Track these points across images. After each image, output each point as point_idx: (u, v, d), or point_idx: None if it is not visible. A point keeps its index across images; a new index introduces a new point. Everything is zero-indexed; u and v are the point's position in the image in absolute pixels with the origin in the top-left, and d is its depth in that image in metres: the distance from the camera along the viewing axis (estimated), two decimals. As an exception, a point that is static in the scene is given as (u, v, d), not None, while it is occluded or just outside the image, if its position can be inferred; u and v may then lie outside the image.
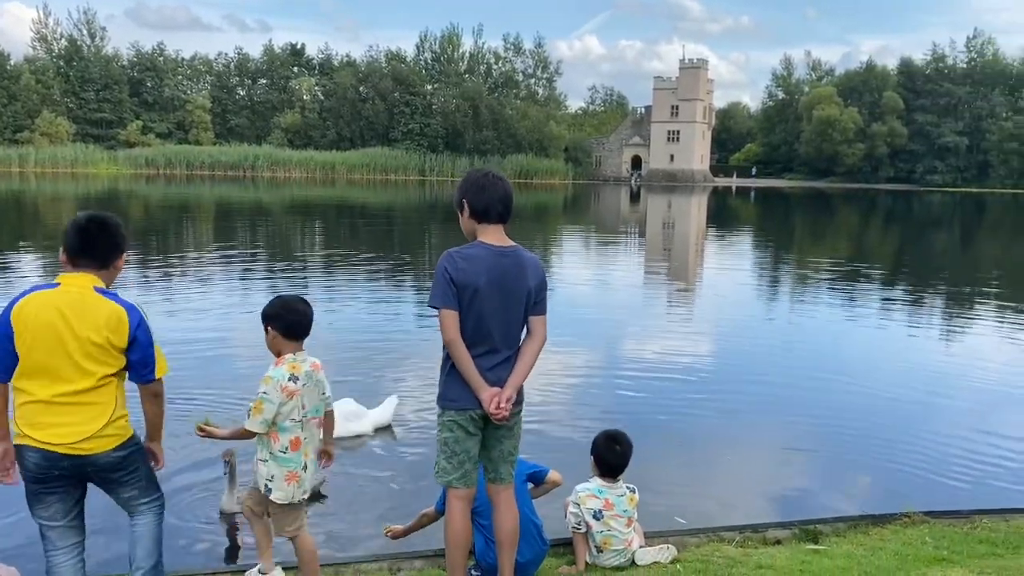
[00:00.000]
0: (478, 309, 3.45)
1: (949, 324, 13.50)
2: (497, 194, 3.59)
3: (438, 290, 3.45)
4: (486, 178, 3.63)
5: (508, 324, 3.55)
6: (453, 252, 3.50)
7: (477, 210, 3.58)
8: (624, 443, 4.35)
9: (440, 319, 3.45)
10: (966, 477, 6.34)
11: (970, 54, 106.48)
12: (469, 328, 3.46)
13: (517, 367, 3.56)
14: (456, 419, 3.54)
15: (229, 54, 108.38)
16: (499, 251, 3.54)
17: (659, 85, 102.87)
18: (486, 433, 3.63)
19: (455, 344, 3.44)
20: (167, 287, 14.40)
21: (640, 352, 10.46)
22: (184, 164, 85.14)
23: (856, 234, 35.38)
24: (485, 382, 3.47)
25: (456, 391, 3.51)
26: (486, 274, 3.46)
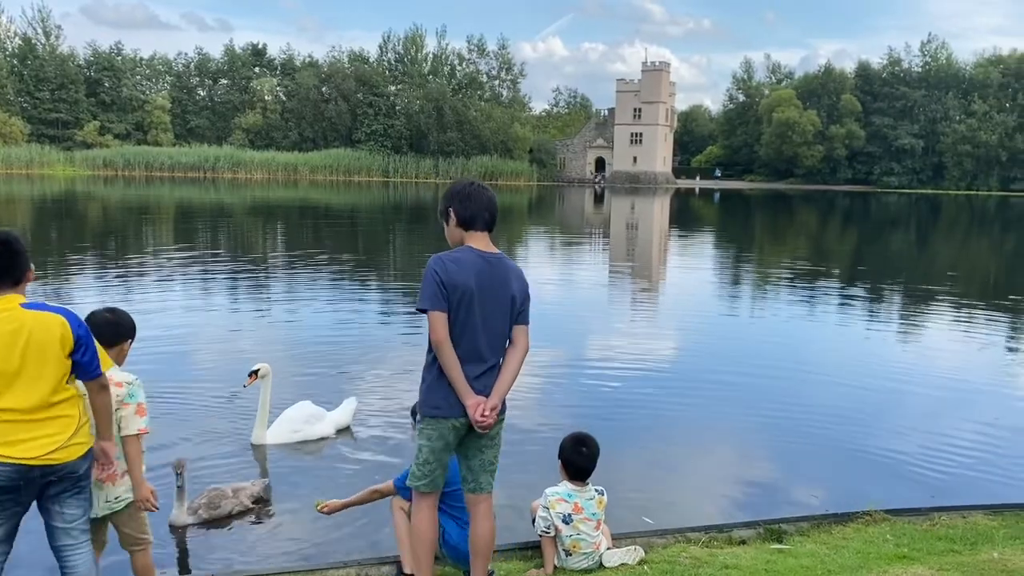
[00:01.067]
0: (466, 313, 3.46)
1: (906, 323, 13.76)
2: (483, 203, 3.63)
3: (427, 292, 3.44)
4: (471, 187, 3.67)
5: (494, 332, 3.56)
6: (442, 255, 3.52)
7: (464, 219, 3.61)
8: (591, 445, 4.36)
9: (430, 321, 3.45)
10: (925, 475, 6.47)
11: (925, 58, 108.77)
12: (456, 333, 3.46)
13: (502, 376, 3.58)
14: (438, 428, 3.52)
15: (189, 54, 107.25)
16: (486, 256, 3.57)
17: (622, 87, 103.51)
18: (467, 442, 3.63)
19: (444, 345, 3.43)
20: (125, 289, 14.15)
21: (604, 352, 10.51)
22: (143, 165, 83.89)
23: (816, 235, 35.92)
24: (471, 389, 3.47)
25: (439, 398, 3.50)
26: (475, 277, 3.48)
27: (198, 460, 6.22)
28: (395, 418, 7.37)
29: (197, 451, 6.44)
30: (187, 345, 10.04)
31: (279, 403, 7.00)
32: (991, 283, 20.50)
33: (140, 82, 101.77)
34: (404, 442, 6.80)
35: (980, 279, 21.28)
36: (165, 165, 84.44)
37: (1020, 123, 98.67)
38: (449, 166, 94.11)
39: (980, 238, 37.16)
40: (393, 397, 7.99)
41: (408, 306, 13.79)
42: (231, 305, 13.27)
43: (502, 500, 5.66)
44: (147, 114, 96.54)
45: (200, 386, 8.22)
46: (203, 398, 7.85)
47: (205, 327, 11.34)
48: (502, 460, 6.52)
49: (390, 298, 14.64)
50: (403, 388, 8.34)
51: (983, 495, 5.94)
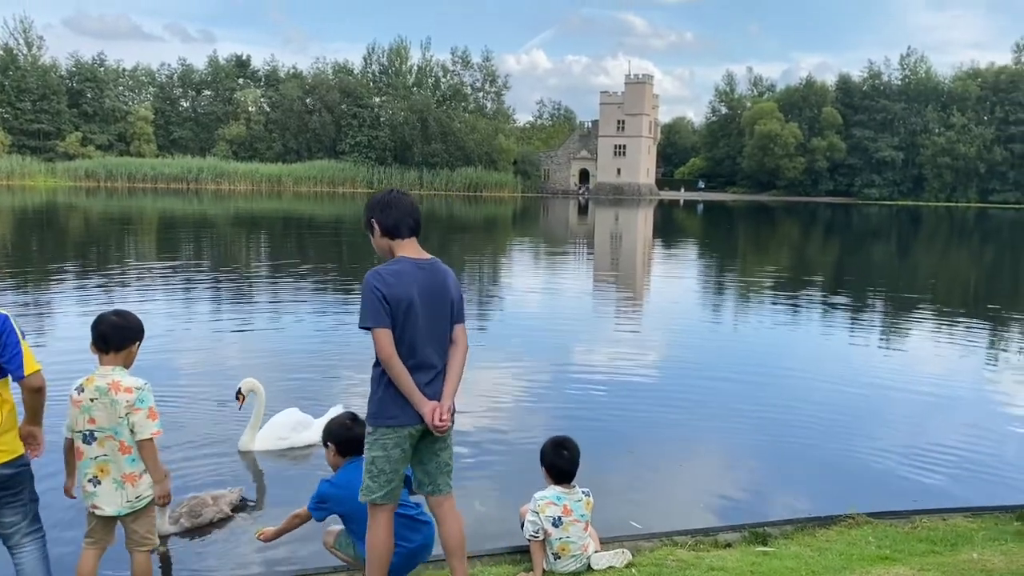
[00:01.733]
0: (412, 325, 3.48)
1: (888, 331, 13.91)
2: (405, 208, 3.64)
3: (370, 309, 3.44)
4: (391, 195, 3.68)
5: (438, 337, 3.61)
6: (379, 269, 3.51)
7: (387, 227, 3.62)
8: (571, 447, 4.43)
9: (375, 338, 3.45)
10: (906, 479, 6.56)
11: (904, 71, 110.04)
12: (403, 345, 3.48)
13: (449, 378, 3.63)
14: (394, 437, 3.54)
15: (172, 65, 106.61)
16: (422, 265, 3.59)
17: (605, 100, 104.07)
18: (422, 448, 3.67)
19: (393, 361, 3.45)
20: (107, 299, 14.08)
21: (589, 361, 10.56)
22: (125, 176, 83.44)
23: (799, 246, 36.22)
24: (425, 397, 3.51)
25: (395, 408, 3.52)
26: (416, 288, 3.50)
27: (184, 465, 6.22)
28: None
29: (183, 457, 6.43)
30: (172, 353, 10.01)
31: (266, 410, 7.01)
32: (971, 293, 20.75)
33: (123, 93, 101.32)
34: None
35: (960, 289, 21.53)
36: (148, 176, 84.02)
37: (998, 136, 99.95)
38: (434, 177, 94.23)
39: (960, 249, 37.59)
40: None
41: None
42: (216, 314, 13.24)
43: (491, 507, 5.72)
44: (130, 125, 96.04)
45: (186, 393, 8.21)
46: (189, 404, 7.84)
47: (190, 336, 11.31)
48: (490, 467, 6.58)
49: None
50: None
51: (963, 498, 6.04)
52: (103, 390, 3.69)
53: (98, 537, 3.82)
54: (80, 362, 3.67)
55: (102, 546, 3.85)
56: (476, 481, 6.19)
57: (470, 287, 18.32)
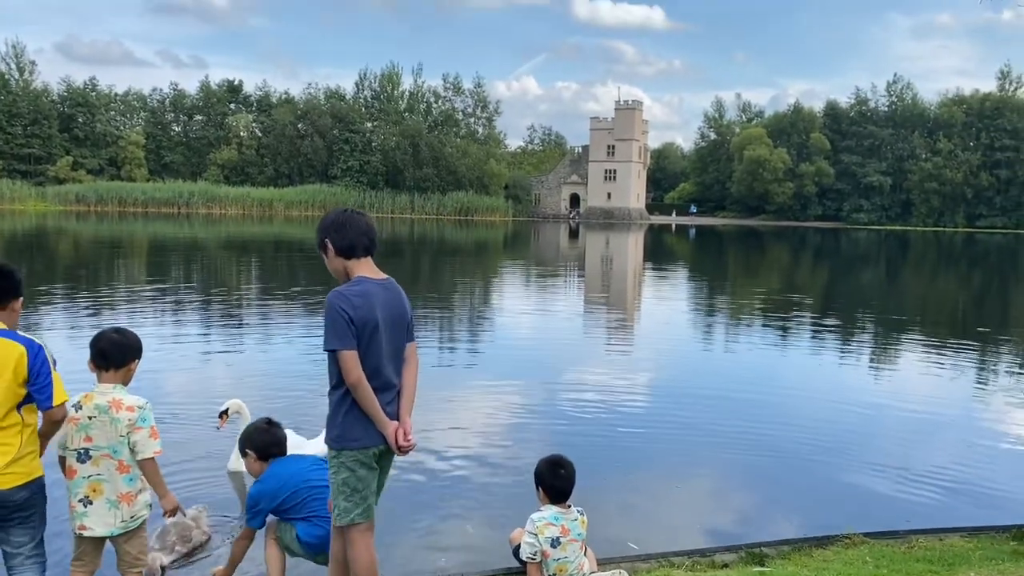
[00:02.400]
0: (376, 345, 3.45)
1: (879, 353, 13.94)
2: (360, 228, 3.60)
3: (336, 331, 3.38)
4: (344, 215, 3.64)
5: (396, 356, 3.60)
6: (343, 290, 3.47)
7: (342, 248, 3.58)
8: (568, 466, 4.40)
9: (342, 361, 3.40)
10: (902, 499, 6.54)
11: (891, 98, 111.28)
12: (368, 366, 3.45)
13: (407, 397, 3.62)
14: (360, 457, 3.52)
15: (164, 90, 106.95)
16: (382, 284, 3.58)
17: (595, 125, 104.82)
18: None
19: (362, 384, 3.41)
20: (96, 321, 14.00)
21: (580, 381, 10.53)
22: (116, 200, 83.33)
23: (789, 270, 36.37)
24: (388, 418, 3.50)
25: (360, 429, 3.49)
26: (380, 309, 3.48)
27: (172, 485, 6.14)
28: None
29: (172, 476, 6.35)
30: (162, 373, 9.94)
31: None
32: (960, 316, 20.85)
33: (114, 118, 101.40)
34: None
35: (949, 312, 21.64)
36: (138, 200, 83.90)
37: (984, 161, 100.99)
38: (425, 201, 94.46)
39: (948, 273, 37.82)
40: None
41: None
42: (207, 336, 13.17)
43: (483, 531, 5.66)
44: (121, 149, 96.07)
45: (176, 413, 8.14)
46: (179, 424, 7.77)
47: (181, 357, 11.24)
48: (482, 490, 6.52)
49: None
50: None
51: (959, 518, 6.02)
52: (103, 408, 3.66)
53: (87, 560, 3.77)
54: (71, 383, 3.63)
55: (90, 570, 3.80)
56: (467, 504, 6.14)
57: (461, 309, 18.30)
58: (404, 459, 7.10)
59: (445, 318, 16.70)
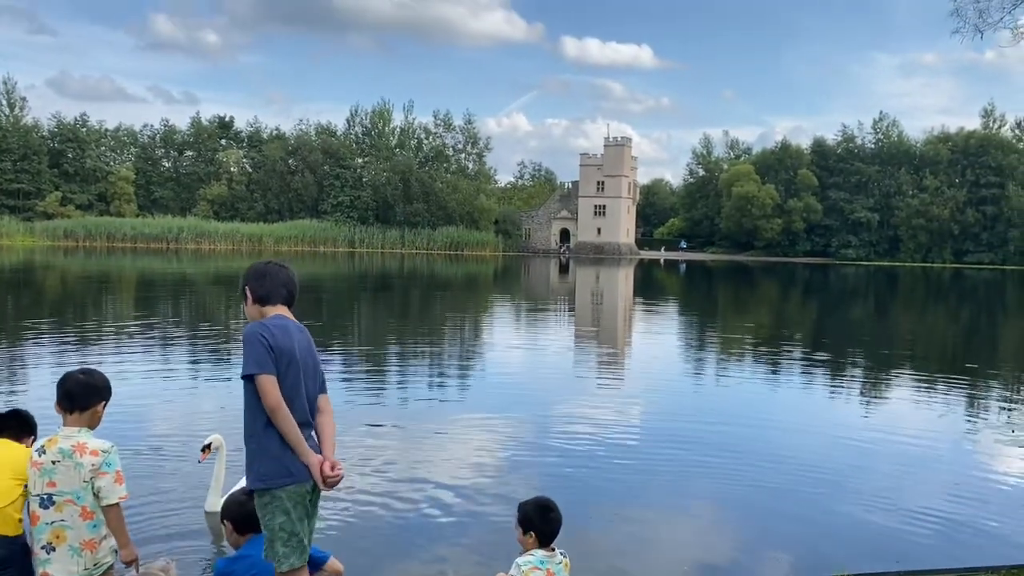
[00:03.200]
0: (292, 378, 3.45)
1: (869, 389, 13.90)
2: (280, 279, 3.69)
3: (256, 356, 3.37)
4: (267, 266, 3.74)
5: (310, 397, 3.59)
6: (264, 322, 3.52)
7: (259, 296, 3.65)
8: (556, 508, 4.31)
9: (261, 386, 3.35)
10: (890, 540, 6.44)
11: (877, 135, 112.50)
12: (288, 398, 3.41)
13: (327, 436, 3.57)
14: (294, 496, 3.42)
15: (155, 125, 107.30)
16: (298, 326, 3.64)
17: (585, 161, 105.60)
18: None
19: (281, 410, 3.35)
20: (81, 356, 13.83)
21: (568, 417, 10.42)
22: (105, 236, 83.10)
23: (779, 305, 36.44)
24: (312, 450, 3.42)
25: (288, 466, 3.39)
26: (296, 343, 3.52)
27: (148, 524, 6.01)
28: (348, 489, 7.20)
29: (149, 516, 6.22)
30: (145, 410, 9.79)
31: (238, 469, 6.81)
32: (949, 351, 20.87)
33: (104, 153, 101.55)
34: (364, 509, 6.63)
35: (938, 347, 21.66)
36: (127, 236, 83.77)
37: (970, 198, 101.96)
38: (415, 236, 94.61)
39: (937, 309, 37.97)
40: (353, 464, 7.83)
41: (372, 372, 13.65)
42: (190, 371, 13.02)
43: (468, 570, 5.53)
44: (110, 185, 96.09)
45: (157, 451, 8.00)
46: (159, 463, 7.63)
47: (164, 392, 11.09)
48: (464, 531, 6.39)
49: (353, 364, 14.47)
50: (359, 455, 8.19)
51: (948, 558, 5.93)
52: (67, 452, 3.56)
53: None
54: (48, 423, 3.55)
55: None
56: (450, 545, 6.02)
57: (452, 344, 18.19)
58: (392, 494, 7.01)
59: (435, 352, 16.59)
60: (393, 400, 11.48)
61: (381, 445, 8.76)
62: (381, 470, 7.81)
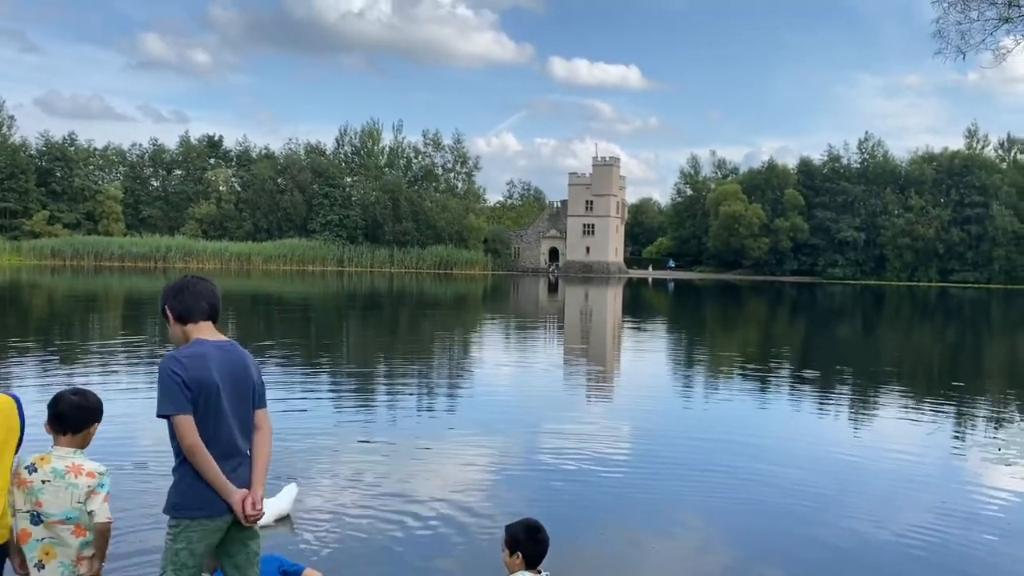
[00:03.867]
0: (215, 409, 3.35)
1: (855, 409, 13.93)
2: (198, 294, 3.55)
3: (169, 395, 3.28)
4: (184, 281, 3.61)
5: (242, 421, 3.48)
6: (176, 353, 3.39)
7: (179, 314, 3.52)
8: (544, 530, 4.29)
9: (176, 426, 3.29)
10: (879, 556, 6.45)
11: (863, 155, 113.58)
12: (208, 431, 3.33)
13: (258, 464, 3.50)
14: (200, 530, 3.36)
15: (144, 144, 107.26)
16: (221, 345, 3.48)
17: (574, 181, 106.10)
18: (230, 539, 3.49)
19: (197, 449, 3.28)
20: (67, 376, 13.73)
21: (556, 435, 10.40)
22: (92, 255, 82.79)
23: (767, 324, 36.57)
24: (233, 485, 3.35)
25: (203, 498, 3.33)
26: (217, 371, 3.37)
27: (128, 545, 5.95)
28: (336, 507, 7.16)
29: (129, 536, 6.16)
30: (127, 429, 9.71)
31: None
32: (936, 370, 20.98)
33: (92, 172, 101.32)
34: (346, 531, 6.59)
35: (925, 366, 21.77)
36: (115, 255, 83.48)
37: (954, 217, 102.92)
38: (404, 255, 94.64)
39: (923, 327, 38.18)
40: (338, 484, 7.79)
41: (360, 392, 13.60)
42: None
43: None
44: (98, 204, 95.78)
45: (140, 470, 7.94)
46: (140, 483, 7.57)
47: (147, 412, 11.01)
48: (456, 550, 6.37)
49: (342, 382, 14.42)
50: (347, 475, 8.16)
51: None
52: (60, 472, 3.55)
53: None
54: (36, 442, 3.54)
55: None
56: (436, 564, 5.99)
57: (441, 363, 18.15)
58: (380, 512, 6.98)
59: (425, 371, 16.55)
60: (383, 417, 11.44)
61: (370, 461, 8.73)
62: (370, 486, 7.77)
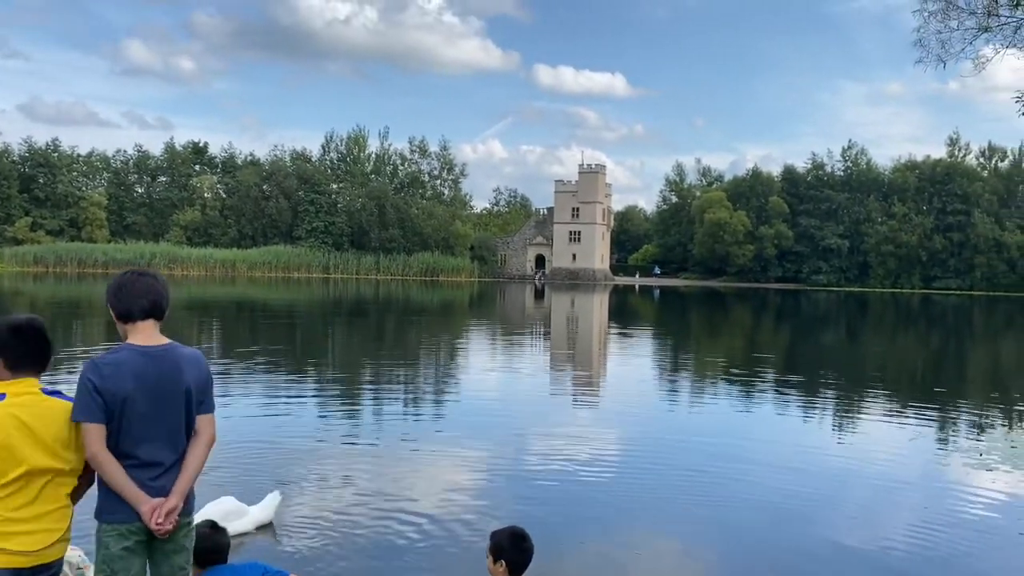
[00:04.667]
0: (130, 418, 3.25)
1: (839, 415, 14.04)
2: (139, 290, 3.39)
3: (81, 403, 3.21)
4: (124, 277, 3.44)
5: (168, 430, 3.36)
6: (97, 360, 3.29)
7: (120, 312, 3.39)
8: (529, 538, 4.30)
9: (83, 433, 3.21)
10: (861, 562, 6.49)
11: (846, 163, 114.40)
12: (125, 440, 3.26)
13: (183, 473, 3.37)
14: (116, 533, 3.28)
15: (128, 151, 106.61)
16: (147, 351, 3.34)
17: (560, 188, 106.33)
18: (153, 548, 3.39)
19: (99, 457, 3.20)
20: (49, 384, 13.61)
21: (542, 443, 10.42)
22: (75, 262, 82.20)
23: (752, 330, 36.74)
24: (144, 494, 3.26)
25: (116, 502, 3.27)
26: (133, 380, 3.26)
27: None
28: (320, 514, 7.14)
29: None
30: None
31: (201, 500, 6.73)
32: (919, 376, 21.14)
33: (76, 178, 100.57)
34: (328, 539, 6.57)
35: (908, 373, 21.93)
36: (99, 262, 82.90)
37: (937, 225, 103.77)
38: (391, 262, 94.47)
39: (907, 334, 38.47)
40: (322, 492, 7.77)
41: (345, 400, 13.57)
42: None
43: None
44: (82, 210, 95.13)
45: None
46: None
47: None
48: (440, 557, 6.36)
49: (328, 388, 14.39)
50: (333, 484, 8.14)
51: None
52: None
53: None
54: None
55: None
56: (421, 570, 5.98)
57: (427, 369, 18.13)
58: (364, 518, 6.97)
59: (410, 377, 16.53)
60: (367, 424, 11.42)
61: (355, 467, 8.72)
62: (354, 493, 7.75)
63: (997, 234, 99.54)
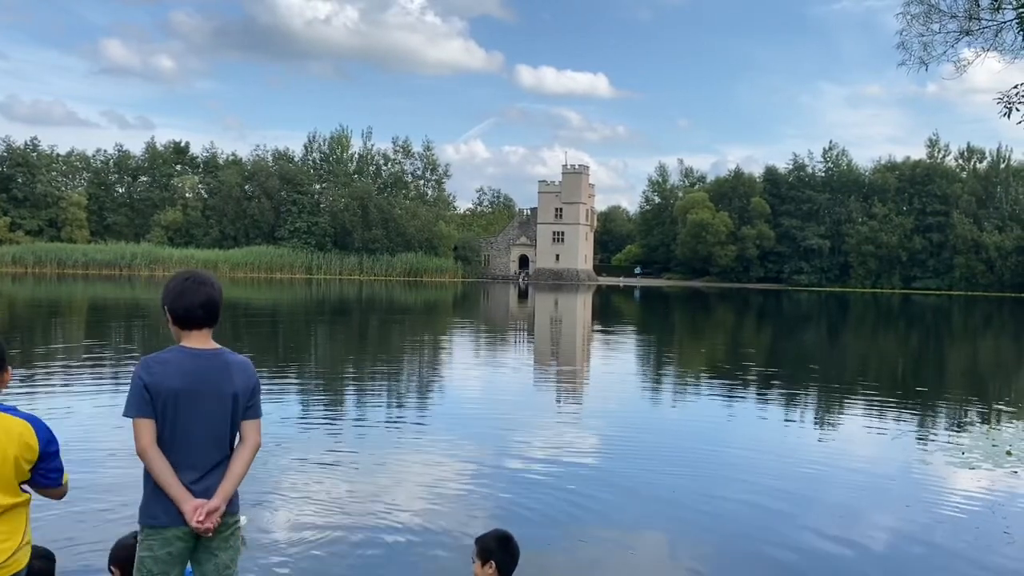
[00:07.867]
0: (174, 417, 3.31)
1: (821, 415, 14.13)
2: (197, 299, 3.45)
3: (132, 398, 3.29)
4: (185, 283, 3.50)
5: (213, 432, 3.40)
6: (148, 358, 3.38)
7: (178, 316, 3.46)
8: (514, 539, 4.32)
9: (133, 429, 3.28)
10: (841, 560, 6.52)
11: (827, 164, 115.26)
12: (168, 438, 3.31)
13: (227, 475, 3.41)
14: (158, 538, 3.31)
15: (108, 151, 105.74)
16: (198, 353, 3.41)
17: (543, 189, 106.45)
18: (198, 547, 3.43)
19: (149, 452, 3.27)
20: (30, 390, 13.48)
21: (526, 444, 10.42)
22: (55, 262, 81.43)
23: (733, 330, 36.91)
24: (189, 493, 3.29)
25: (160, 506, 3.30)
26: (181, 378, 3.33)
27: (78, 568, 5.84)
28: (295, 523, 7.09)
29: (80, 560, 6.04)
30: (86, 447, 9.54)
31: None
32: (899, 376, 21.31)
33: (55, 178, 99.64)
34: (298, 557, 6.46)
35: (889, 372, 22.10)
36: (79, 262, 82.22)
37: (916, 225, 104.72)
38: (374, 262, 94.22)
39: (887, 333, 38.78)
40: (298, 500, 7.72)
41: (330, 398, 13.51)
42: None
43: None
44: (62, 211, 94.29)
45: (95, 490, 7.80)
46: (98, 503, 7.44)
47: (108, 428, 10.83)
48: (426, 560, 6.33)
49: (310, 390, 14.31)
50: (310, 492, 8.09)
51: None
52: None
53: None
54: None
55: None
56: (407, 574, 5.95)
57: (410, 370, 18.08)
58: (348, 522, 6.91)
59: (394, 378, 16.48)
60: (350, 426, 11.36)
61: (339, 472, 8.66)
62: (338, 497, 7.70)
63: (976, 235, 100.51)
